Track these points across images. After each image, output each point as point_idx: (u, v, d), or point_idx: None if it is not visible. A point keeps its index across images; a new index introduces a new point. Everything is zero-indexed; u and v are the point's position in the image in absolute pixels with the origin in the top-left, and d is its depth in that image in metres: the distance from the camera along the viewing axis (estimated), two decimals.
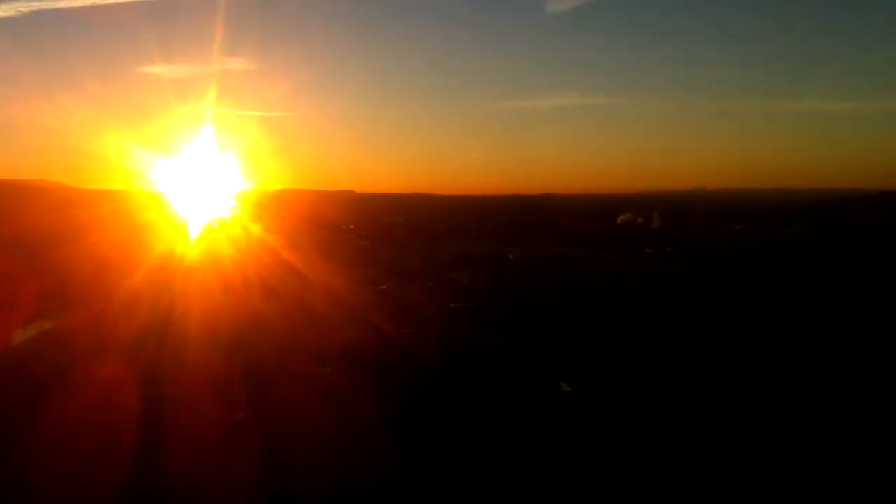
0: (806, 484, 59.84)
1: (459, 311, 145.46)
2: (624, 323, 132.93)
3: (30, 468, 57.09)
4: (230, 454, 62.91)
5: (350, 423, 70.50)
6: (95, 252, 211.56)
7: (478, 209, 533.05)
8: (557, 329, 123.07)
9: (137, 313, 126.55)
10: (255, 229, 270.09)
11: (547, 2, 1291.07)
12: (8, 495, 52.39)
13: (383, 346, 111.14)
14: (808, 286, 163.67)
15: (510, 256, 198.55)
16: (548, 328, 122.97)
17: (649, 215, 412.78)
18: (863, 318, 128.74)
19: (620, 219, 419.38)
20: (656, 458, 63.22)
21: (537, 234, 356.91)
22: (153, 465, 59.43)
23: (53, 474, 56.01)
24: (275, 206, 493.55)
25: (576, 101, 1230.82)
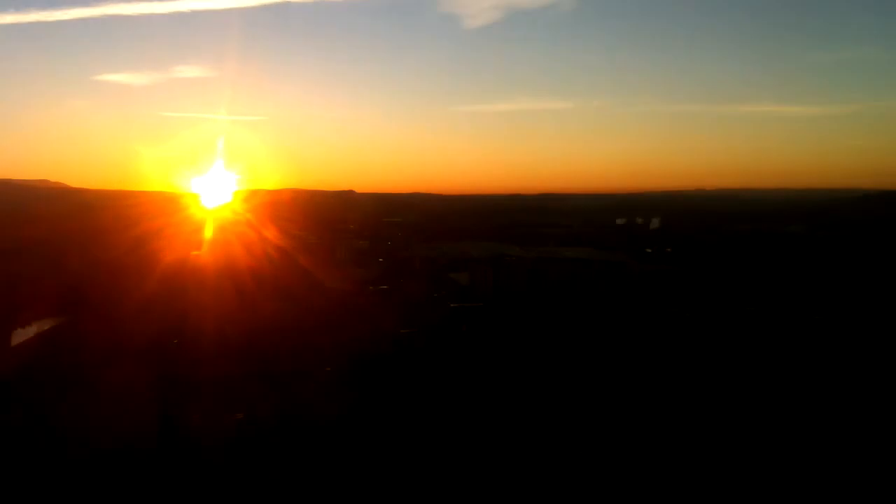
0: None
1: (459, 310, 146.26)
2: (621, 322, 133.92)
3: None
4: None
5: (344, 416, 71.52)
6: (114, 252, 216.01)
7: (478, 209, 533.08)
8: (555, 328, 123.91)
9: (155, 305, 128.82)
10: (255, 230, 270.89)
11: (462, 18, 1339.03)
12: None
13: (384, 345, 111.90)
14: (807, 285, 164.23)
15: (510, 256, 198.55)
16: (545, 327, 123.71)
17: (649, 215, 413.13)
18: (862, 316, 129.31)
19: (620, 219, 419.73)
20: None
21: (537, 234, 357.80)
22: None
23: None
24: (274, 206, 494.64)
25: (527, 105, 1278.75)
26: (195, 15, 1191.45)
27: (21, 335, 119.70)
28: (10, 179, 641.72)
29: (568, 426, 70.34)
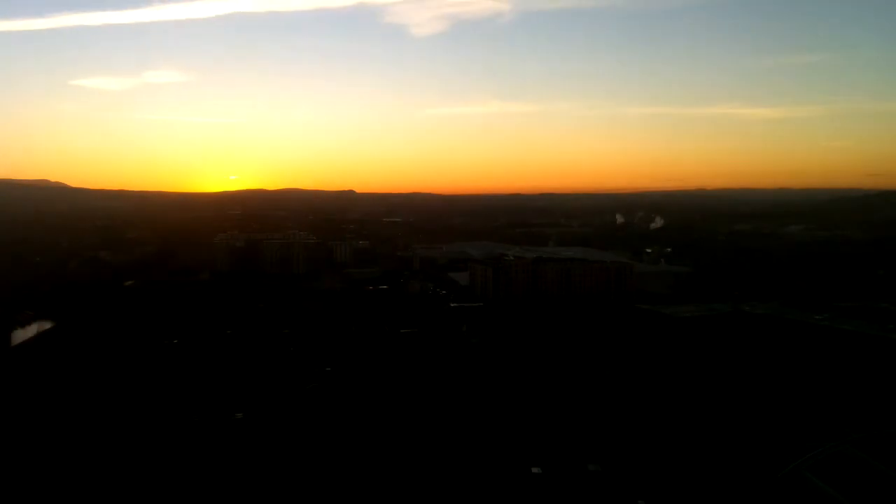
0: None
1: (459, 310, 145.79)
2: (620, 322, 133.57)
3: None
4: None
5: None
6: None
7: (478, 209, 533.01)
8: (553, 328, 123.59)
9: None
10: (255, 231, 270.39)
11: (409, 28, 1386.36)
12: None
13: (384, 345, 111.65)
14: (807, 284, 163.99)
15: (510, 256, 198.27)
16: (544, 327, 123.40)
17: (649, 215, 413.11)
18: (860, 317, 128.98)
19: (620, 219, 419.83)
20: None
21: (537, 234, 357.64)
22: None
23: None
24: (275, 207, 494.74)
25: (497, 108, 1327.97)
26: (158, 25, 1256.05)
27: (21, 335, 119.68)
28: (10, 179, 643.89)
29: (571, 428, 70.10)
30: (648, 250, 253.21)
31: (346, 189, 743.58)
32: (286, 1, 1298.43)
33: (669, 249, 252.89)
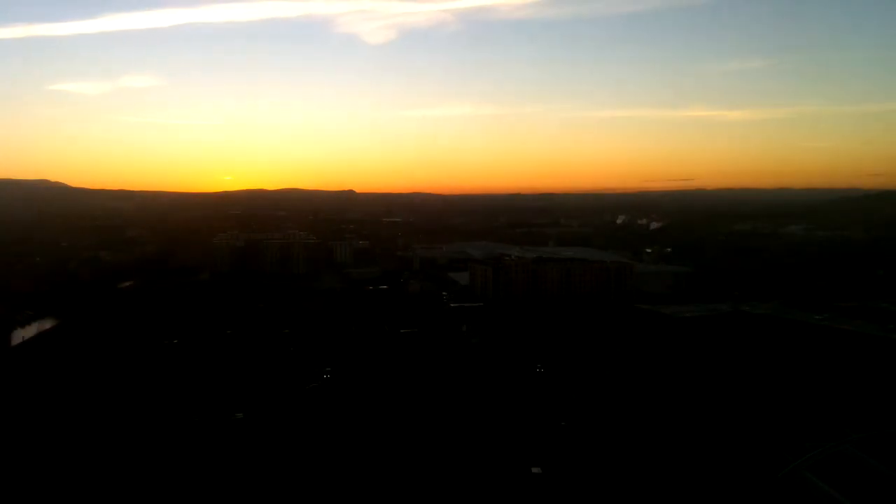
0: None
1: (459, 310, 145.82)
2: (620, 322, 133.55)
3: None
4: None
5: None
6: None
7: (478, 209, 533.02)
8: (553, 328, 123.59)
9: None
10: (255, 231, 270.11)
11: (361, 36, 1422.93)
12: None
13: (384, 345, 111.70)
14: (807, 284, 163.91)
15: (510, 256, 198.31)
16: (544, 327, 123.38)
17: (649, 215, 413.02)
18: (860, 317, 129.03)
19: (620, 219, 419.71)
20: None
21: (537, 234, 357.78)
22: None
23: None
24: (275, 207, 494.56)
25: (468, 111, 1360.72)
26: (128, 34, 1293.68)
27: (21, 335, 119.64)
28: (10, 179, 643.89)
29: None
30: (648, 250, 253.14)
31: (346, 189, 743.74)
32: (239, 12, 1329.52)
33: (669, 249, 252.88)
